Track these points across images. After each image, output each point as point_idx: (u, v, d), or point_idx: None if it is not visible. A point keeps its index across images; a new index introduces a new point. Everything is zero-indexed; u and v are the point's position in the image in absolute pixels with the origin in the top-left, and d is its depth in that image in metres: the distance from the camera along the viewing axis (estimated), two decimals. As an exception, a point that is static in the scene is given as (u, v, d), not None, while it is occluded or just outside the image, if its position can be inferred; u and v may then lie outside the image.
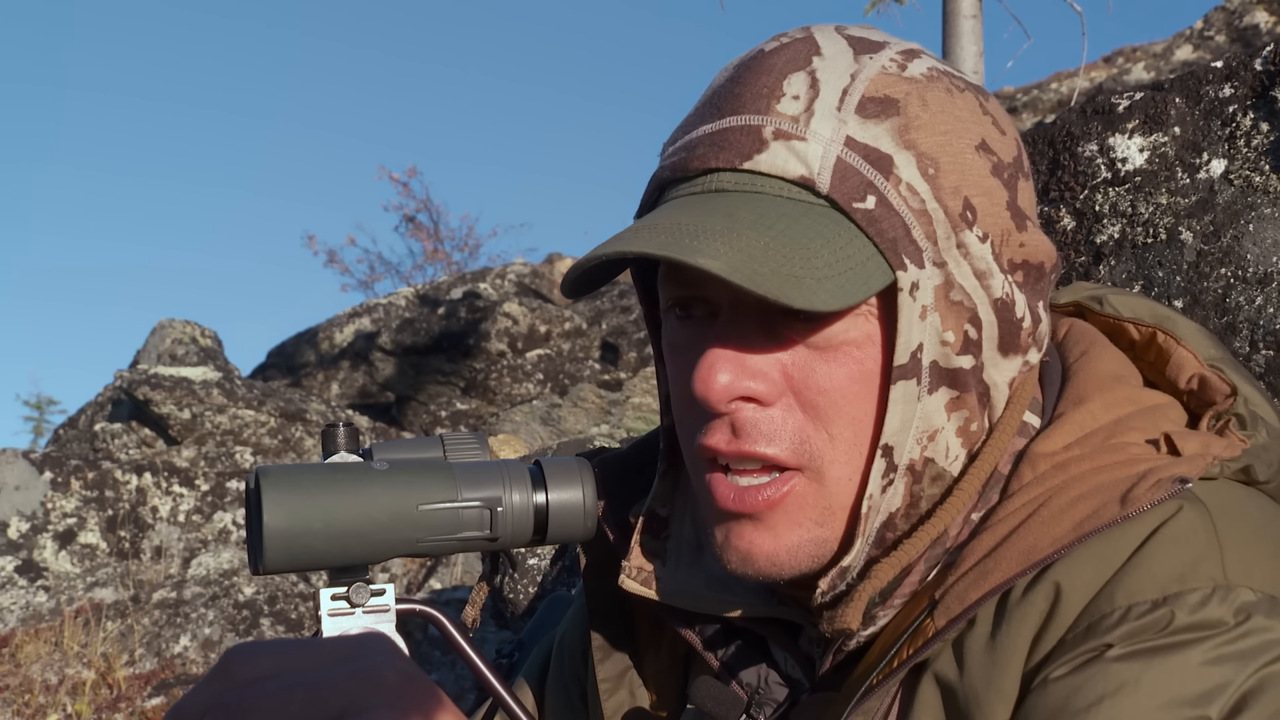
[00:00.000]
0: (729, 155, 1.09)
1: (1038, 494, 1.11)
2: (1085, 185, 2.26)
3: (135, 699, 5.29)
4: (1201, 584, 1.03)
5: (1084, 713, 1.00)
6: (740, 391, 1.09)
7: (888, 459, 1.10)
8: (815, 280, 1.04)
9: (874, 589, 1.12)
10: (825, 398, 1.09)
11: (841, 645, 1.15)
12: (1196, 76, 2.22)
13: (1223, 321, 2.09)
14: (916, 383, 1.09)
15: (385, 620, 1.11)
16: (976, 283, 1.11)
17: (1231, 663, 1.00)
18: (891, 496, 1.12)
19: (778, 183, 1.08)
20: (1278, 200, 2.09)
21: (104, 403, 9.47)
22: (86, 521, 7.17)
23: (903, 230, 1.07)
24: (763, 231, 1.05)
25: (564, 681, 1.43)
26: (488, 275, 13.32)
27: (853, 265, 1.06)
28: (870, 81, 1.10)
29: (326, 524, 1.07)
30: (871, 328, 1.09)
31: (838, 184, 1.07)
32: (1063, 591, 1.05)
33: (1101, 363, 1.20)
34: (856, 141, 1.08)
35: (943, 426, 1.12)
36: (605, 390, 7.66)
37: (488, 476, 1.12)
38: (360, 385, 9.71)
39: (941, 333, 1.10)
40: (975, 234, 1.11)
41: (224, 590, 6.04)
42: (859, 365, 1.09)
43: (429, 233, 24.92)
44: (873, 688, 1.09)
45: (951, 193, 1.09)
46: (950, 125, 1.11)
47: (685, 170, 1.12)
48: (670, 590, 1.25)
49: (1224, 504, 1.09)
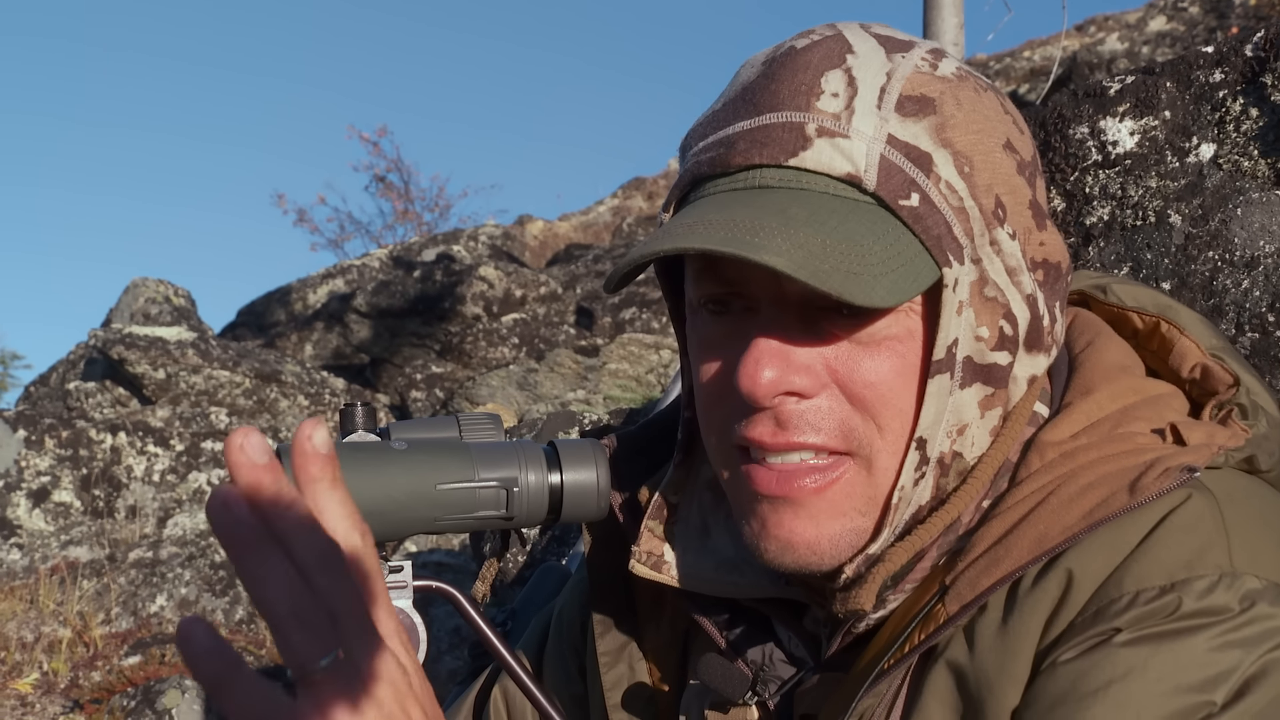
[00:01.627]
0: (773, 151, 1.10)
1: (1046, 482, 1.13)
2: (1076, 167, 2.29)
3: (112, 657, 5.30)
4: (1208, 571, 1.05)
5: (1091, 696, 1.03)
6: (785, 386, 1.11)
7: (921, 452, 1.12)
8: (872, 277, 1.05)
9: (888, 572, 1.14)
10: (872, 390, 1.11)
11: (851, 627, 1.17)
12: (1187, 61, 2.24)
13: (1209, 304, 2.12)
14: (950, 377, 1.11)
15: (403, 596, 1.13)
16: (1009, 279, 1.13)
17: (1237, 649, 1.03)
18: (922, 490, 1.14)
19: (824, 179, 1.09)
20: (1265, 185, 2.12)
21: (76, 360, 9.43)
22: (60, 480, 7.15)
23: (945, 227, 1.09)
24: (818, 229, 1.06)
25: (562, 653, 1.46)
26: (460, 237, 13.29)
27: (903, 262, 1.08)
28: (906, 80, 1.12)
29: (348, 502, 1.08)
30: (913, 323, 1.11)
31: (884, 181, 1.09)
32: (1074, 578, 1.07)
33: (1107, 353, 1.23)
34: (898, 139, 1.09)
35: (973, 421, 1.14)
36: (582, 356, 7.67)
37: (504, 457, 1.14)
38: (334, 347, 9.69)
39: (976, 328, 1.12)
40: (1006, 231, 1.13)
41: (200, 551, 6.04)
42: (902, 359, 1.11)
43: (399, 193, 24.79)
44: (884, 671, 1.12)
45: (985, 190, 1.12)
46: (981, 124, 1.13)
47: (726, 166, 1.12)
48: (680, 574, 1.27)
49: (1230, 493, 1.12)
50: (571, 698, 1.42)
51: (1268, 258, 2.09)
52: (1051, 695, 1.05)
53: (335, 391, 8.23)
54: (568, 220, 16.56)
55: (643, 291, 9.60)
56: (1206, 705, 1.01)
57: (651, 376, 7.21)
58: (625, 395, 6.66)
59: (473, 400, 7.30)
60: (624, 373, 7.17)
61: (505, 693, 1.45)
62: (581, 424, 5.04)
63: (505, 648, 1.18)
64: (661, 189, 16.78)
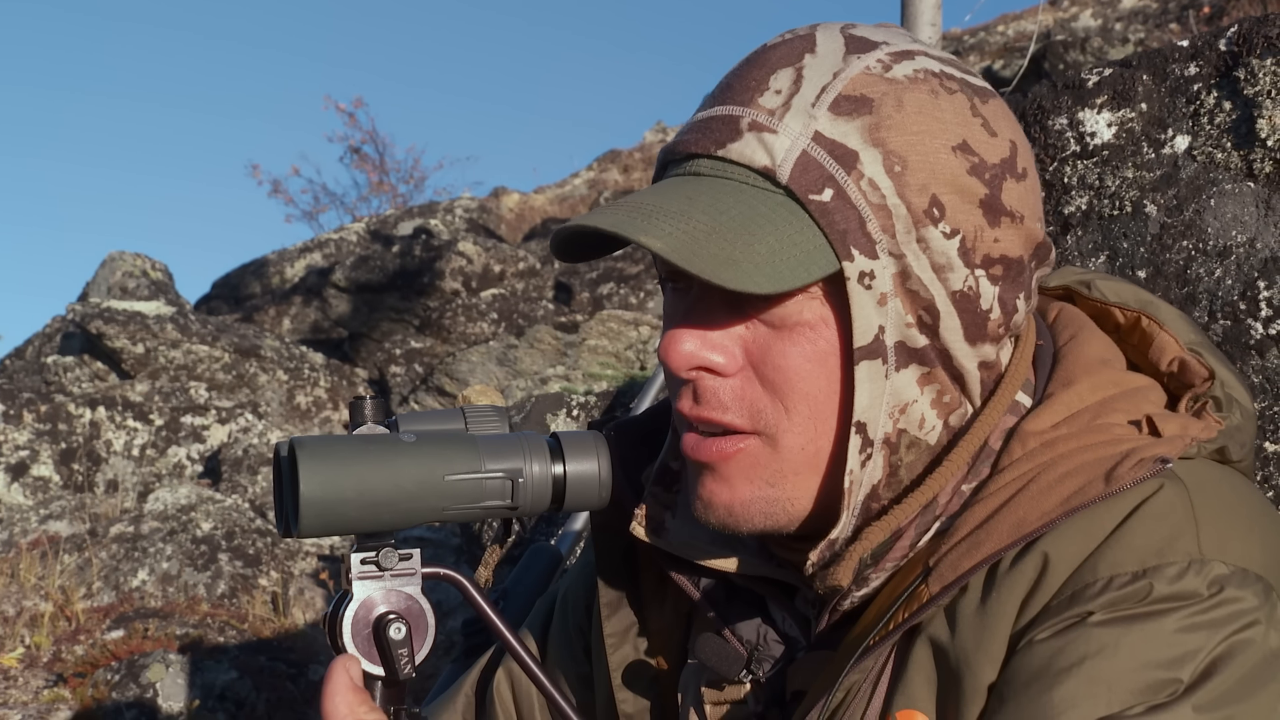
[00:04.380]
0: (707, 142, 1.18)
1: (1027, 470, 1.18)
2: (1055, 158, 2.34)
3: (94, 631, 5.32)
4: (1179, 558, 1.11)
5: (1065, 672, 1.08)
6: (700, 361, 1.18)
7: (862, 435, 1.18)
8: (752, 264, 1.12)
9: (865, 550, 1.20)
10: (780, 374, 1.18)
11: (837, 605, 1.23)
12: (1163, 55, 2.30)
13: (1183, 292, 2.18)
14: (882, 361, 1.17)
15: (411, 583, 1.17)
16: (934, 275, 1.17)
17: (1203, 630, 1.09)
18: (872, 470, 1.19)
19: (744, 171, 1.16)
20: (1238, 176, 2.17)
21: (52, 334, 9.41)
22: (39, 454, 7.15)
23: (856, 223, 1.15)
24: (714, 215, 1.14)
25: (567, 635, 1.50)
26: (436, 210, 13.27)
27: (797, 253, 1.14)
28: (850, 81, 1.17)
29: (359, 493, 1.12)
30: (825, 311, 1.17)
31: (797, 176, 1.14)
32: (1050, 561, 1.13)
33: (1089, 346, 1.28)
34: (824, 137, 1.15)
35: (915, 399, 1.19)
36: (561, 332, 7.70)
37: (509, 449, 1.18)
38: (313, 321, 9.69)
39: (904, 316, 1.17)
40: (941, 230, 1.17)
41: (181, 525, 6.06)
42: (813, 345, 1.17)
43: (374, 164, 24.72)
44: (870, 648, 1.17)
45: (918, 190, 1.16)
46: (925, 126, 1.17)
47: (675, 152, 1.21)
48: (676, 541, 1.32)
49: (1201, 483, 1.17)
50: (578, 678, 1.47)
51: (1239, 247, 2.15)
52: (1027, 671, 1.10)
53: (315, 366, 8.24)
54: (543, 193, 16.54)
55: (620, 267, 9.63)
56: (1173, 682, 1.07)
57: (630, 353, 7.25)
58: (606, 372, 6.71)
59: (452, 376, 7.33)
60: (604, 349, 7.21)
61: (510, 675, 1.50)
62: (569, 404, 5.09)
63: (510, 631, 1.22)
64: (637, 162, 16.78)
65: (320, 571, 5.95)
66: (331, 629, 1.16)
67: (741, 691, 1.31)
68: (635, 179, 15.97)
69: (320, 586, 5.85)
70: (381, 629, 1.13)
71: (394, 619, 1.13)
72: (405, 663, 1.13)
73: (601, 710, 1.42)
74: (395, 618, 1.13)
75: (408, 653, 1.14)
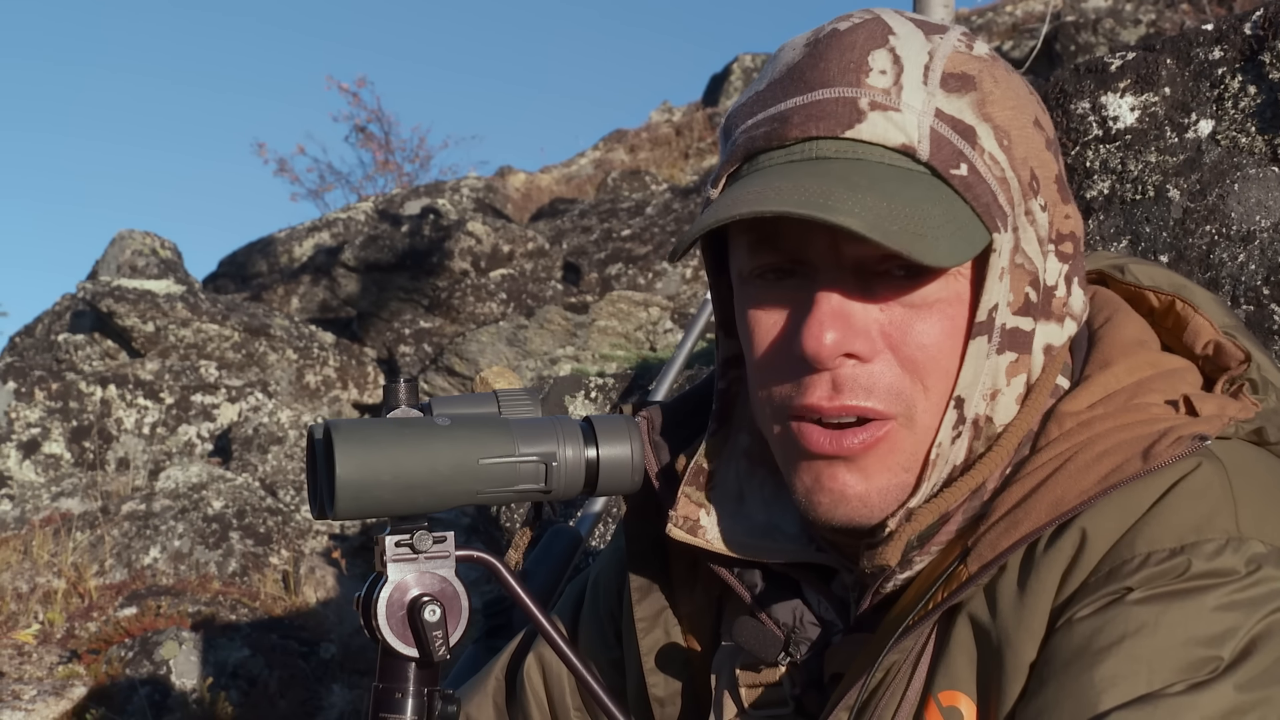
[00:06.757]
0: (829, 124, 1.16)
1: (1064, 449, 1.19)
2: (1077, 142, 2.34)
3: (107, 608, 5.34)
4: (1216, 535, 1.11)
5: (1105, 650, 1.09)
6: (846, 348, 1.16)
7: (959, 411, 1.19)
8: (934, 239, 1.12)
9: (914, 531, 1.20)
10: (924, 352, 1.17)
11: (879, 588, 1.23)
12: (1187, 39, 2.29)
13: (1206, 277, 2.18)
14: (988, 340, 1.18)
15: (445, 566, 1.17)
16: (1038, 248, 1.19)
17: (1242, 608, 1.09)
18: (958, 449, 1.20)
19: (879, 150, 1.16)
20: (1262, 161, 2.17)
21: (61, 312, 9.41)
22: (51, 432, 7.17)
23: (991, 196, 1.16)
24: (880, 194, 1.13)
25: (599, 618, 1.51)
26: (443, 189, 13.25)
27: (959, 226, 1.15)
28: (948, 59, 1.18)
29: (395, 476, 1.12)
30: (961, 287, 1.18)
31: (935, 151, 1.15)
32: (1088, 538, 1.13)
33: (1125, 329, 1.28)
34: (944, 113, 1.16)
35: (1003, 389, 1.20)
36: (571, 313, 7.70)
37: (543, 433, 1.18)
38: (321, 300, 9.68)
39: (1009, 294, 1.18)
40: (1039, 203, 1.20)
41: (193, 504, 6.07)
42: (950, 321, 1.18)
43: (380, 143, 24.63)
44: (910, 628, 1.18)
45: (1021, 163, 1.19)
46: (1015, 101, 1.20)
47: (782, 139, 1.18)
48: (715, 538, 1.32)
49: (1238, 462, 1.17)
50: (609, 662, 1.47)
51: (1263, 232, 2.14)
52: (1067, 650, 1.11)
53: (324, 346, 8.23)
54: (549, 173, 16.49)
55: (629, 248, 9.62)
56: (1214, 660, 1.07)
57: (640, 334, 7.25)
58: (616, 353, 6.71)
59: (462, 356, 7.33)
60: (613, 330, 7.21)
61: (541, 659, 1.50)
62: (586, 386, 5.09)
63: (543, 614, 1.23)
64: (644, 141, 16.71)
65: (331, 550, 5.96)
66: (365, 611, 1.16)
67: (778, 674, 1.31)
68: (641, 158, 15.89)
69: (331, 565, 5.87)
70: (416, 611, 1.14)
71: (428, 601, 1.14)
72: (439, 645, 1.14)
73: (633, 694, 1.43)
74: (429, 600, 1.14)
75: (442, 635, 1.14)
